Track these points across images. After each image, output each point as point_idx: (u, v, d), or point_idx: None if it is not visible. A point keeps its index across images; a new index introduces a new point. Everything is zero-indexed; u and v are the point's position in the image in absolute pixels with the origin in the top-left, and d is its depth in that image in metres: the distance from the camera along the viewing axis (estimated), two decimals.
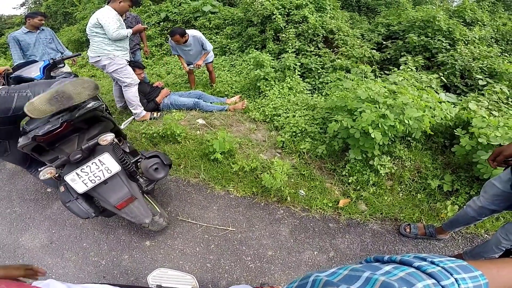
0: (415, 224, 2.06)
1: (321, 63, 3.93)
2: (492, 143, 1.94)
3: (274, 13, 4.61)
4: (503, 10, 6.05)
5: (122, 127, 3.15)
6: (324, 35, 4.43)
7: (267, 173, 2.32)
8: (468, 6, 4.95)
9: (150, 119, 3.39)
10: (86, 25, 2.97)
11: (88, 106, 1.60)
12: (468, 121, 2.23)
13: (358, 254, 1.94)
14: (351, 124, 2.18)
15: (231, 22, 5.64)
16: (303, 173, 2.47)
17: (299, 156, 2.65)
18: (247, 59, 4.55)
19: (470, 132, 2.10)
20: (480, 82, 3.09)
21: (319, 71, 3.86)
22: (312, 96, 3.45)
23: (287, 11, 4.78)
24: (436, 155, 2.42)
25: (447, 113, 2.30)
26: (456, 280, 0.36)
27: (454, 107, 2.45)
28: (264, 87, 3.59)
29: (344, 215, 2.17)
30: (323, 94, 3.49)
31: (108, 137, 1.53)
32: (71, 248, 2.05)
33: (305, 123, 2.83)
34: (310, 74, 3.90)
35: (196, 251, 1.97)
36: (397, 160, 2.38)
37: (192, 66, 3.80)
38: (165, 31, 5.81)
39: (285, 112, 3.13)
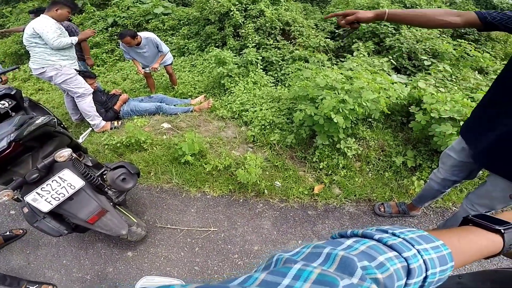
0: (388, 203, 2.18)
1: (281, 55, 4.02)
2: (443, 116, 2.11)
3: (232, 9, 4.57)
4: None
5: (80, 140, 2.93)
6: (281, 27, 4.51)
7: (242, 169, 2.34)
8: None
9: (111, 128, 3.23)
10: (22, 36, 2.76)
11: (37, 122, 1.51)
12: (420, 98, 2.43)
13: None
14: (314, 112, 2.28)
15: (187, 22, 5.49)
16: (276, 164, 2.53)
17: (270, 148, 2.71)
18: (208, 58, 4.48)
19: (423, 108, 2.29)
20: (426, 63, 3.36)
21: (280, 63, 3.94)
22: (276, 88, 3.53)
23: (244, 6, 4.77)
24: (396, 133, 2.63)
25: (400, 93, 2.49)
26: (418, 251, 0.35)
27: (405, 87, 2.65)
28: (229, 84, 3.58)
29: (320, 201, 2.26)
30: (286, 85, 3.58)
31: (65, 153, 1.50)
32: (51, 266, 1.97)
33: (272, 115, 2.90)
34: (272, 67, 3.97)
35: (181, 256, 1.96)
36: (362, 141, 2.54)
37: (148, 69, 3.66)
38: (115, 36, 5.49)
39: (252, 107, 3.17)
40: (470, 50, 3.37)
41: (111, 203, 1.74)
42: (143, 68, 3.68)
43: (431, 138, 2.22)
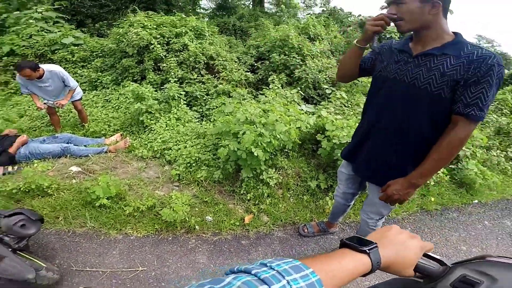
0: (310, 223, 2.56)
1: (206, 90, 4.30)
2: (342, 141, 2.62)
3: (153, 42, 4.69)
4: (334, 23, 7.63)
5: None
6: (205, 61, 4.79)
7: (167, 208, 2.42)
8: (310, 23, 6.16)
9: (4, 174, 2.91)
10: None
11: None
12: (324, 126, 2.96)
13: None
14: (237, 147, 2.57)
15: (101, 54, 5.42)
16: (206, 199, 2.71)
17: (198, 184, 2.87)
18: (124, 93, 4.46)
19: (327, 136, 2.81)
20: (327, 91, 4.09)
21: (204, 98, 4.21)
22: (201, 124, 3.74)
23: (167, 39, 4.95)
24: (309, 159, 3.15)
25: (307, 123, 3.01)
26: (288, 281, 0.40)
27: (313, 115, 3.21)
28: (149, 121, 3.64)
29: (251, 230, 2.51)
30: (211, 120, 3.82)
31: None
32: None
33: (198, 152, 3.09)
34: (196, 102, 4.20)
35: None
36: (281, 170, 2.96)
37: (51, 102, 3.49)
38: (11, 66, 5.02)
39: (176, 144, 3.29)
40: None
41: (10, 249, 1.76)
42: (45, 102, 3.49)
43: (336, 162, 2.75)
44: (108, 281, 2.02)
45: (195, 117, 3.91)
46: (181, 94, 3.99)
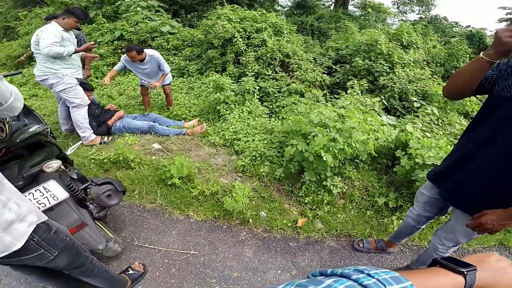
0: (367, 239, 2.34)
1: (278, 87, 4.24)
2: (426, 162, 2.30)
3: (236, 36, 4.83)
4: (433, 32, 6.88)
5: (68, 152, 3.06)
6: (281, 58, 4.75)
7: (229, 197, 2.46)
8: (405, 29, 5.59)
9: (100, 143, 3.34)
10: (29, 40, 2.97)
11: (31, 130, 1.55)
12: (406, 142, 2.63)
13: None
14: (305, 148, 2.44)
15: (190, 44, 5.80)
16: (263, 195, 2.67)
17: (259, 179, 2.84)
18: (206, 82, 4.67)
19: (408, 153, 2.49)
20: (415, 104, 3.57)
21: (276, 95, 4.16)
22: (270, 120, 3.71)
23: (248, 34, 5.06)
24: (381, 175, 2.82)
25: (388, 136, 2.70)
26: None
27: (394, 129, 2.87)
28: (224, 110, 3.76)
29: (302, 234, 2.39)
30: (280, 118, 3.76)
31: (54, 165, 1.53)
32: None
33: (264, 147, 3.05)
34: (268, 98, 4.18)
35: (156, 275, 2.00)
36: (348, 180, 2.71)
37: (146, 83, 3.86)
38: (119, 50, 5.79)
39: (245, 136, 3.32)
40: None
41: (92, 217, 1.79)
42: (142, 83, 3.89)
43: (413, 183, 2.40)
44: (160, 260, 2.11)
45: (265, 113, 3.89)
46: (255, 89, 4.01)
